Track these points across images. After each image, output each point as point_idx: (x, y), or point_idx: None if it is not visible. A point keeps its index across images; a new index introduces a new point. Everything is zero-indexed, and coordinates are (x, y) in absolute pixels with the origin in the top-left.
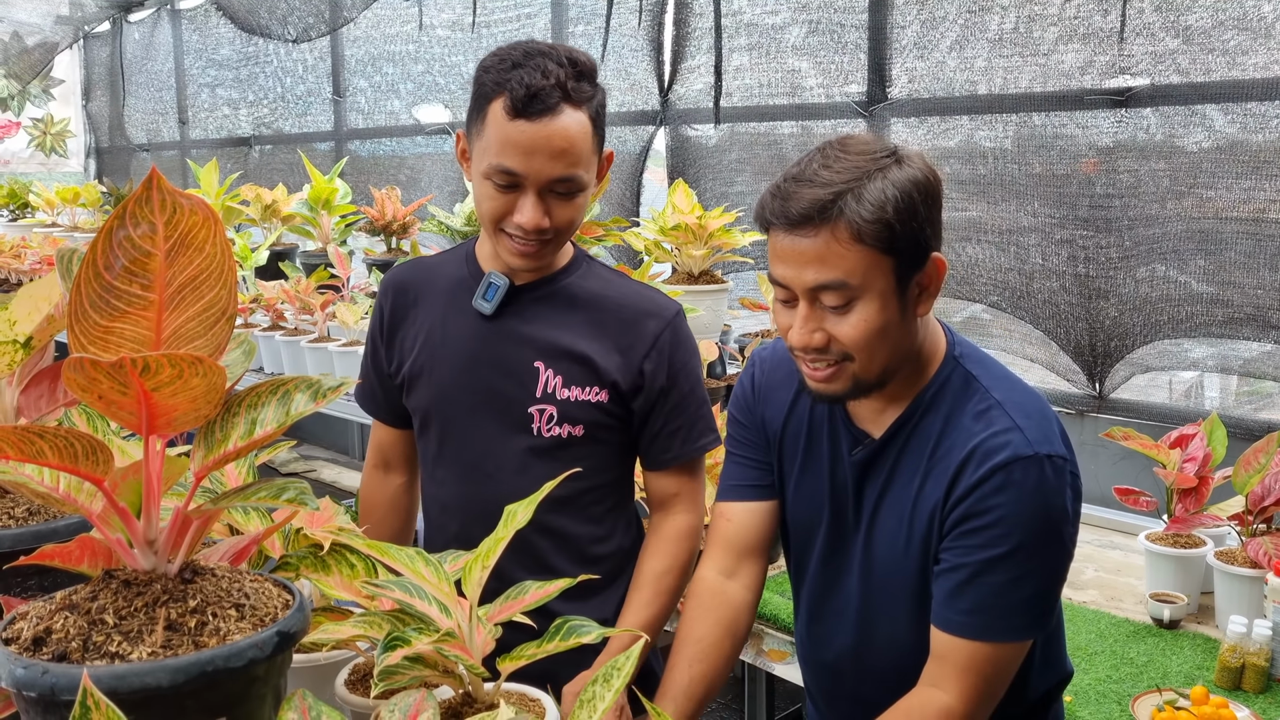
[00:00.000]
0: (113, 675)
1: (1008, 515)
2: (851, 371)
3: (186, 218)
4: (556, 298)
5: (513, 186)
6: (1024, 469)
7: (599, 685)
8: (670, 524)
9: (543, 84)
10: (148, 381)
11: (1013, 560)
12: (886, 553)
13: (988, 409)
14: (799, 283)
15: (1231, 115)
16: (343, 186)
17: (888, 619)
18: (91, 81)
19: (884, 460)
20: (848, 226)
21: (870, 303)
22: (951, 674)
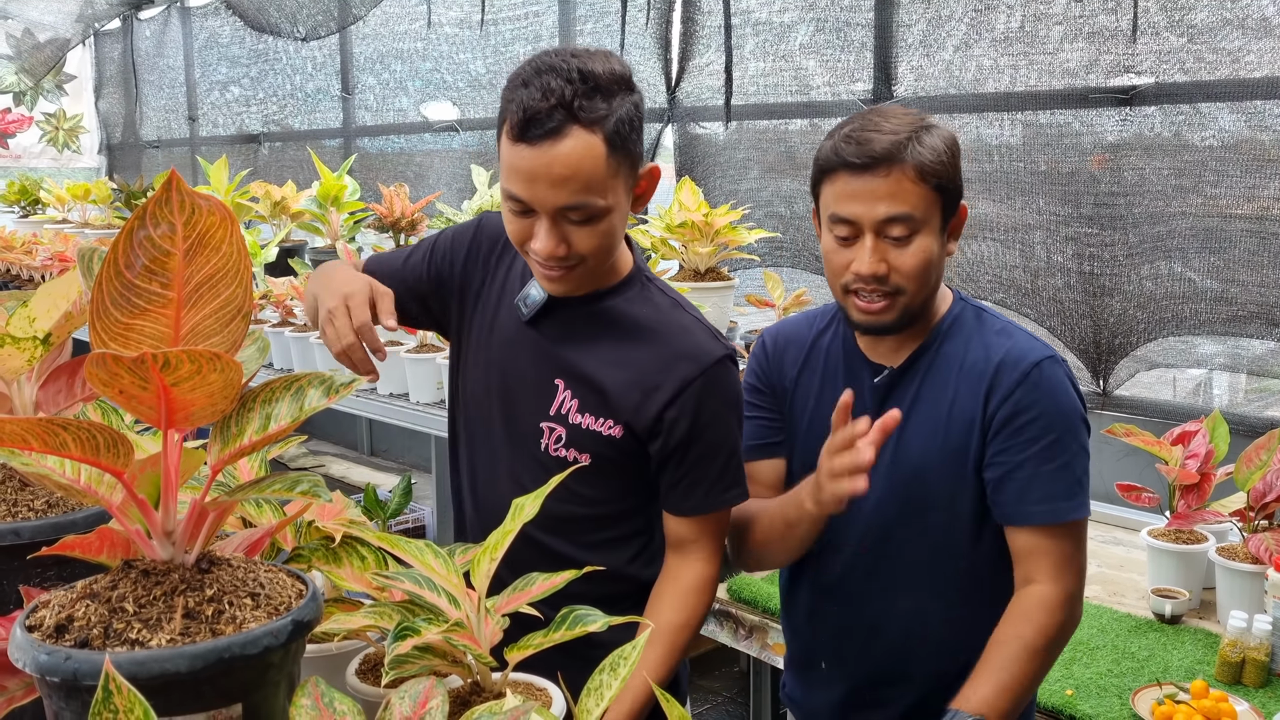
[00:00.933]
0: (133, 661)
1: (1049, 406)
2: (903, 303)
3: (204, 218)
4: (595, 318)
5: (526, 212)
6: (1050, 366)
7: (606, 674)
8: (689, 573)
9: (541, 106)
10: (168, 377)
11: (1061, 444)
12: (918, 465)
13: (1004, 328)
14: (870, 217)
15: (1236, 113)
16: (351, 183)
17: (915, 532)
18: (102, 79)
19: (909, 383)
20: (915, 167)
21: (926, 236)
22: (1040, 564)
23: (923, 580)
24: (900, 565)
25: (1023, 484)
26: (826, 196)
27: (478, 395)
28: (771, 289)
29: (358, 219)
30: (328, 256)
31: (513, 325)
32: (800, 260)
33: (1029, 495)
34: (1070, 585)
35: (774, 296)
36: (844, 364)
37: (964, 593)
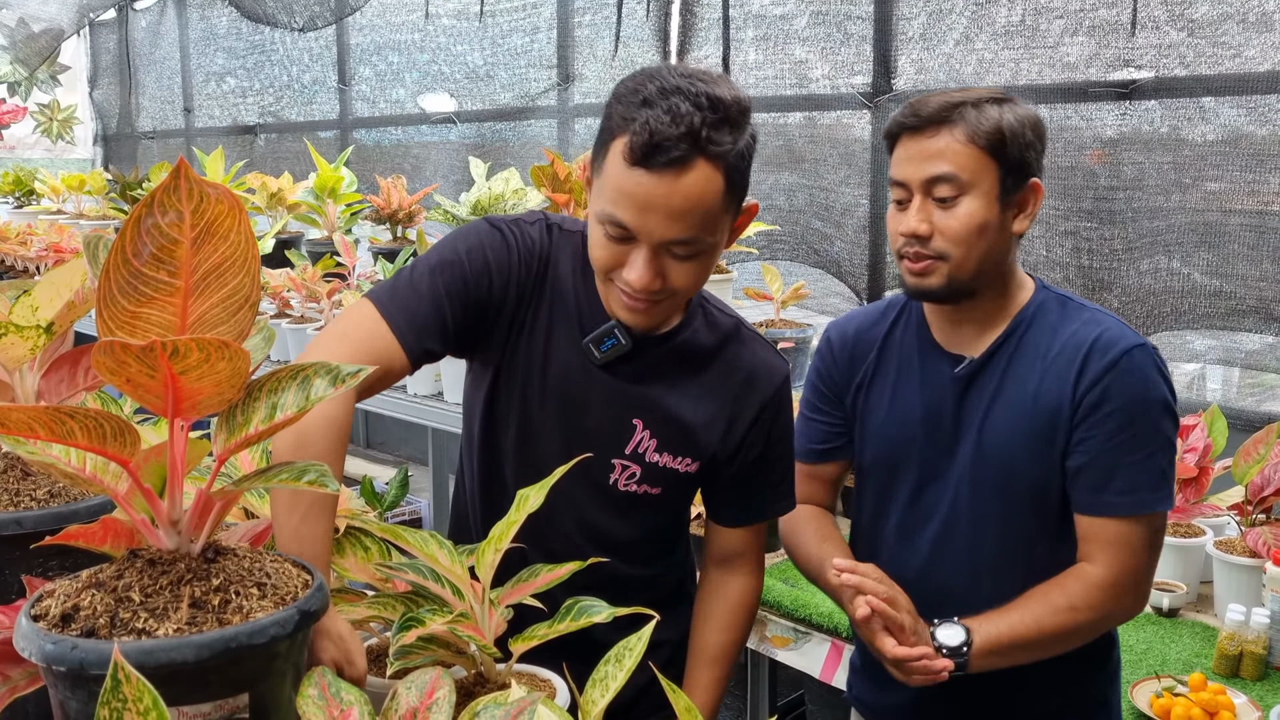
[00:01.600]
0: (140, 650)
1: (1136, 395)
2: (948, 269)
3: (213, 206)
4: (671, 355)
5: (625, 240)
6: (1141, 355)
7: (611, 665)
8: (736, 589)
9: (670, 133)
10: (176, 365)
11: (1147, 434)
12: (1004, 454)
13: (1093, 315)
14: (917, 176)
15: (1236, 108)
16: (348, 175)
17: (1001, 523)
18: (98, 69)
19: (991, 372)
20: (965, 128)
21: (975, 200)
22: (1099, 548)
23: (1007, 574)
24: (983, 558)
25: (1104, 473)
26: (891, 166)
27: (531, 428)
28: (770, 282)
29: (355, 211)
30: (325, 248)
31: (577, 363)
32: (799, 253)
33: (1110, 485)
34: (1120, 574)
35: (772, 290)
36: (919, 356)
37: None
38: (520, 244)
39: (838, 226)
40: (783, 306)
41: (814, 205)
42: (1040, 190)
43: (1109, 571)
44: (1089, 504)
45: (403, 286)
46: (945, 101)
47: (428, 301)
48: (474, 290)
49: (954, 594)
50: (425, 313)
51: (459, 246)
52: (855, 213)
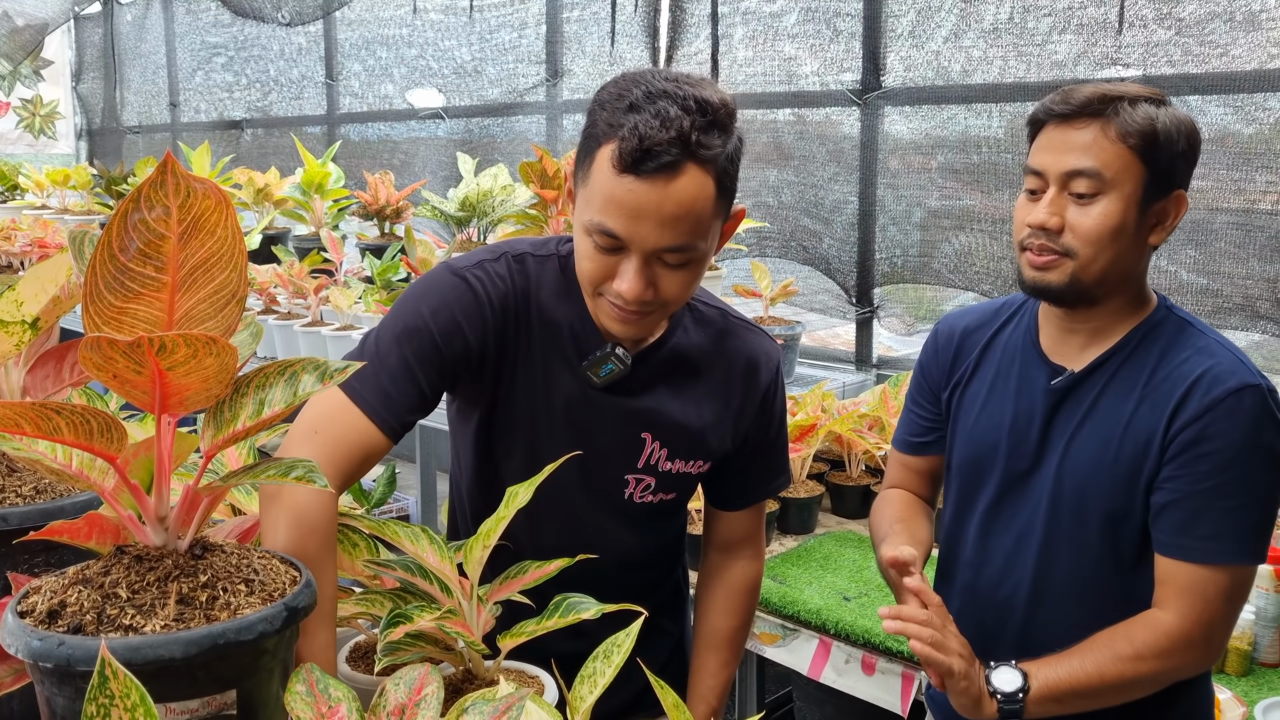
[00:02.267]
0: (127, 647)
1: (1238, 440)
2: (1074, 268)
3: (200, 201)
4: (668, 363)
5: (615, 250)
6: (1253, 396)
7: (599, 662)
8: (739, 574)
9: (660, 137)
10: (163, 361)
11: (1244, 483)
12: (1085, 478)
13: (1208, 345)
14: (1056, 167)
15: (1223, 106)
16: (335, 171)
17: (1074, 547)
18: (83, 63)
19: (1087, 389)
20: (1117, 125)
21: (1114, 201)
22: (1174, 594)
23: (1073, 601)
24: (1051, 581)
25: (1189, 516)
26: (1030, 152)
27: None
28: (759, 279)
29: (342, 206)
30: (311, 244)
31: (577, 390)
32: (788, 250)
33: (1194, 529)
34: (1193, 626)
35: (761, 286)
36: (1020, 360)
37: (1123, 615)
38: (488, 291)
39: (827, 224)
40: (771, 304)
41: (803, 202)
42: (1184, 202)
43: (1181, 621)
44: (1168, 544)
45: (371, 365)
46: (1100, 93)
47: (400, 377)
48: (447, 353)
49: (1016, 612)
50: (399, 390)
51: (422, 309)
52: (844, 210)
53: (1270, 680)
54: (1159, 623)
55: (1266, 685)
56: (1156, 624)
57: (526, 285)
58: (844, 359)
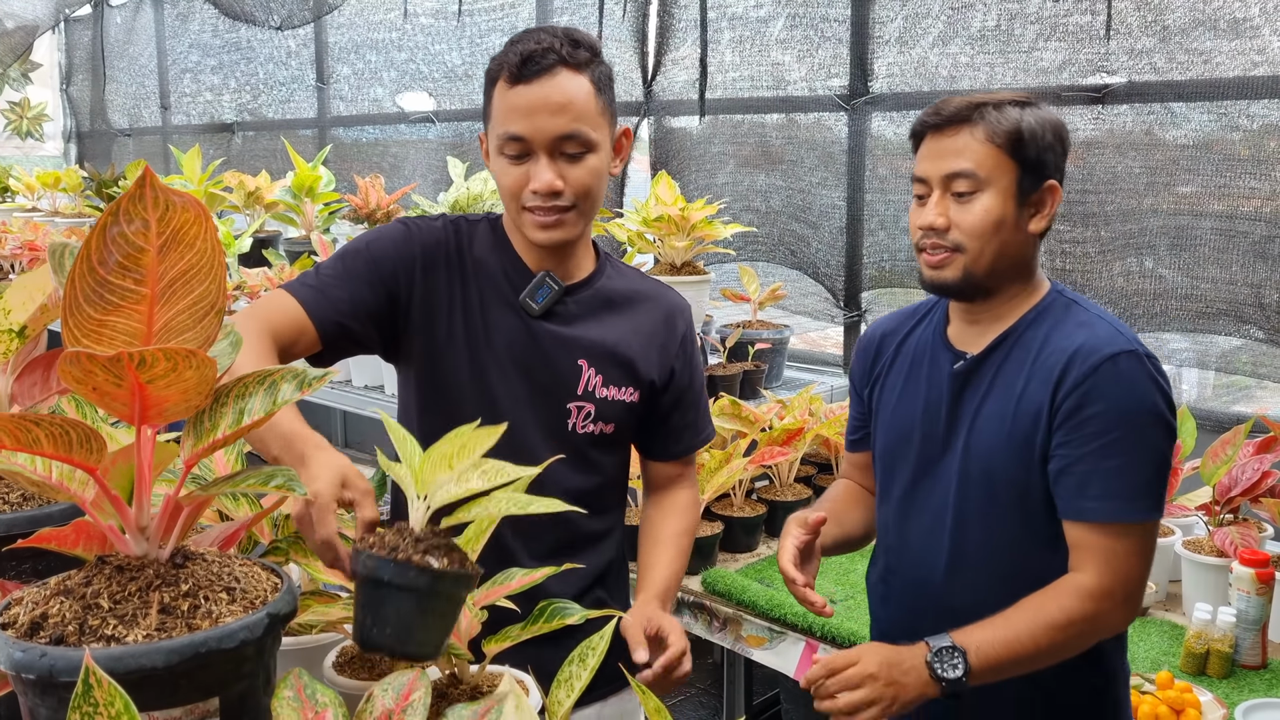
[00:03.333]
0: (109, 657)
1: (1119, 402)
2: (964, 262)
3: (179, 214)
4: (596, 299)
5: (524, 155)
6: (1129, 361)
7: (575, 665)
8: (679, 496)
9: (535, 49)
10: (143, 375)
11: (1128, 442)
12: (987, 454)
13: (1089, 319)
14: (936, 172)
15: (1207, 113)
16: (326, 174)
17: (985, 523)
18: (72, 65)
19: (985, 371)
20: (984, 128)
21: (992, 196)
22: (1087, 556)
23: (994, 572)
24: (966, 556)
25: (1081, 479)
26: (918, 156)
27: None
28: (747, 283)
29: (333, 210)
30: (302, 247)
31: (516, 325)
32: (776, 255)
33: (1086, 490)
34: (1111, 583)
35: (749, 291)
36: (931, 352)
37: (1036, 586)
38: (421, 233)
39: (815, 228)
40: (760, 307)
41: (791, 207)
42: (1058, 192)
43: (1098, 580)
44: (1066, 509)
45: (315, 273)
46: (967, 102)
47: (332, 283)
48: (377, 270)
49: (936, 590)
50: (331, 289)
51: (366, 238)
52: (832, 215)
53: (1251, 682)
54: (1080, 585)
55: (1247, 687)
56: (1078, 586)
57: (459, 240)
58: (832, 363)
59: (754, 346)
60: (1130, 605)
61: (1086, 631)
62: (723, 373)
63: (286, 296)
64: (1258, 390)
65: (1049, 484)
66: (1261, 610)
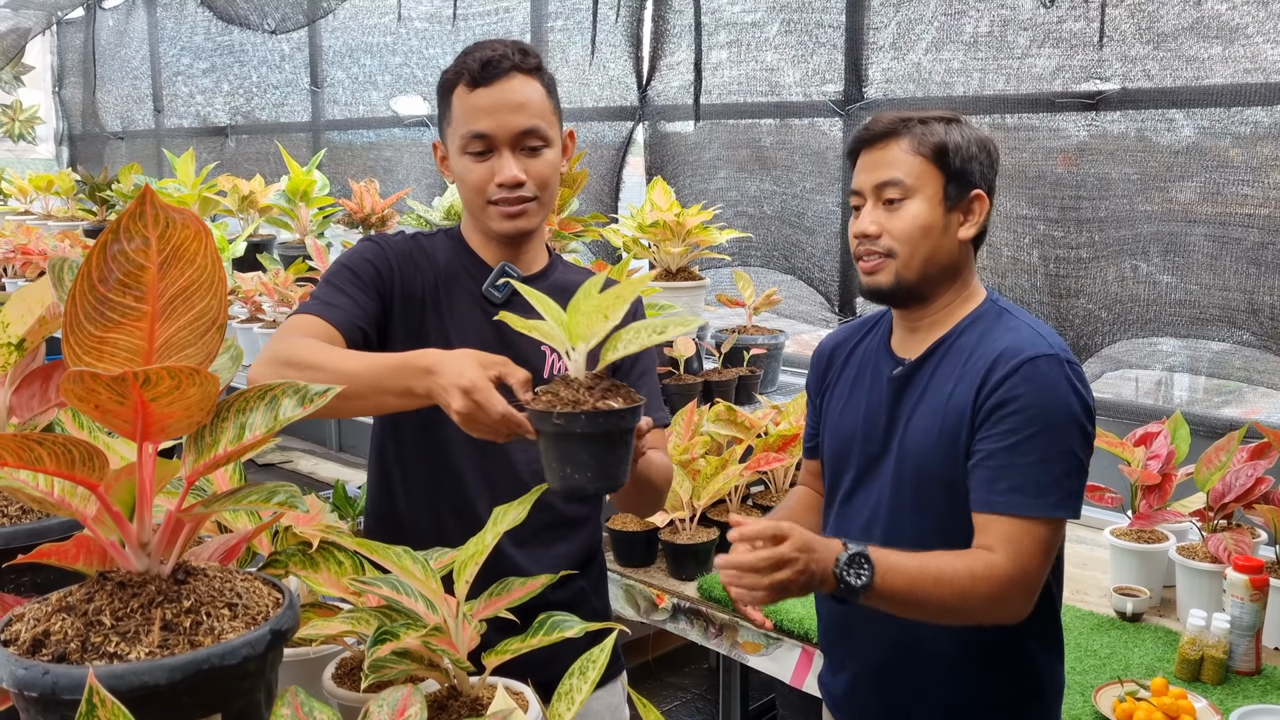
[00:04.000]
0: (111, 675)
1: (1035, 401)
2: (896, 266)
3: (179, 231)
4: (553, 289)
5: (487, 152)
6: (1048, 363)
7: (575, 679)
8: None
9: (492, 55)
10: (147, 393)
11: (1041, 439)
12: (919, 452)
13: (1017, 325)
14: (868, 183)
15: (1200, 119)
16: (320, 178)
17: (916, 520)
18: (65, 68)
19: (921, 376)
20: (911, 140)
21: (920, 203)
22: (997, 543)
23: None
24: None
25: (992, 472)
26: (855, 172)
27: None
28: (742, 289)
29: (327, 214)
30: (297, 252)
31: (479, 320)
32: (771, 260)
33: (996, 484)
34: (1014, 572)
35: (744, 296)
36: (875, 360)
37: None
38: (391, 243)
39: (809, 233)
40: (755, 313)
41: (786, 212)
42: (984, 200)
43: (1007, 563)
44: (977, 500)
45: (313, 298)
46: (895, 117)
47: (334, 297)
48: (364, 276)
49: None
50: (337, 302)
51: (339, 260)
52: (827, 220)
53: (1245, 688)
54: (991, 560)
55: (1242, 694)
56: (989, 561)
57: (423, 253)
58: None
59: (749, 352)
60: (1028, 598)
61: (981, 603)
62: (718, 378)
63: (307, 316)
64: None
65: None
66: (1256, 616)
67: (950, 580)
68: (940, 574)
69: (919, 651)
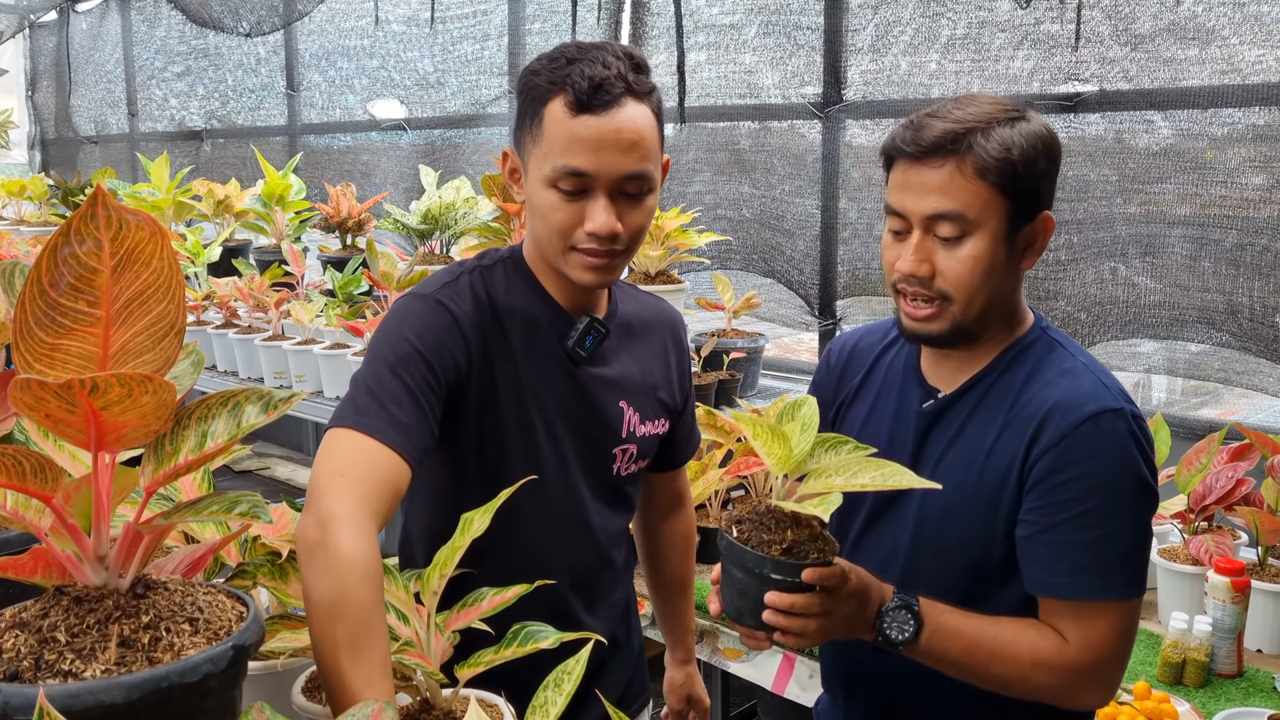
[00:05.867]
0: (66, 694)
1: (1098, 467)
2: (951, 313)
3: (133, 233)
4: (621, 330)
5: (581, 192)
6: (1112, 421)
7: (550, 691)
8: (685, 525)
9: (605, 74)
10: (97, 401)
11: (1106, 513)
12: (947, 505)
13: (1073, 368)
14: (917, 210)
15: (1177, 120)
16: (297, 182)
17: (935, 574)
18: (37, 72)
19: (956, 413)
20: (974, 161)
21: (981, 240)
22: (1066, 628)
23: None
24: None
25: (1052, 550)
26: (888, 187)
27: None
28: (722, 292)
29: (303, 218)
30: (273, 256)
31: (562, 376)
32: (750, 263)
33: (1058, 564)
34: (1085, 660)
35: (724, 299)
36: (901, 382)
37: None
38: (462, 307)
39: (789, 236)
40: (735, 316)
41: (765, 215)
42: (1051, 223)
43: (1077, 654)
44: (1035, 582)
45: (374, 398)
46: (952, 131)
47: (408, 404)
48: (441, 373)
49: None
50: (410, 417)
51: (408, 336)
52: (807, 223)
53: (1228, 691)
54: (1062, 647)
55: (1224, 696)
56: (1061, 647)
57: (490, 293)
58: (807, 371)
59: (729, 356)
60: (1104, 686)
61: (1046, 692)
62: (698, 382)
63: (372, 445)
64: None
65: (1011, 549)
66: (1237, 619)
67: (1010, 659)
68: (997, 650)
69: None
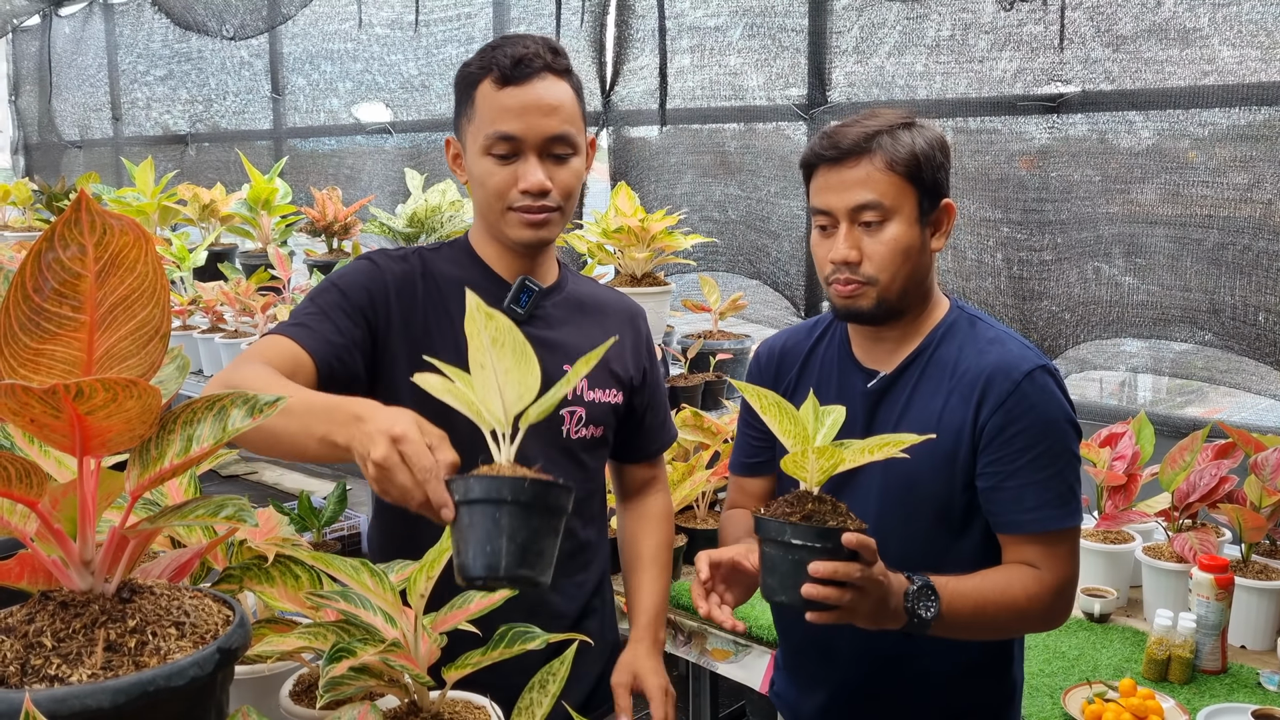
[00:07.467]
0: (52, 699)
1: (1040, 417)
2: (877, 291)
3: (117, 238)
4: (568, 303)
5: (512, 155)
6: (1042, 376)
7: (535, 692)
8: (655, 504)
9: (525, 52)
10: (81, 406)
11: (1053, 453)
12: (909, 470)
13: (997, 337)
14: (842, 205)
15: (1159, 121)
16: (283, 186)
17: (903, 532)
18: (20, 76)
19: (901, 387)
20: (884, 156)
21: (899, 224)
22: (1039, 560)
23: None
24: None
25: (1015, 494)
26: (811, 193)
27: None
28: (708, 293)
29: (289, 222)
30: (259, 261)
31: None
32: (736, 265)
33: (1022, 505)
34: (1064, 583)
35: (710, 301)
36: (838, 370)
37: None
38: (389, 263)
39: (775, 238)
40: (721, 318)
41: (750, 217)
42: (953, 209)
43: (1053, 578)
44: (1004, 523)
45: (289, 320)
46: (862, 132)
47: (315, 319)
48: (353, 300)
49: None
50: (316, 325)
51: (330, 277)
52: (792, 224)
53: (1212, 688)
54: (1040, 576)
55: (1208, 692)
56: (1039, 577)
57: (426, 265)
58: None
59: (715, 357)
60: (1067, 604)
61: (1036, 621)
62: (684, 384)
63: (278, 338)
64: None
65: (970, 499)
66: (1221, 615)
67: (1010, 603)
68: (1001, 598)
69: (907, 667)
